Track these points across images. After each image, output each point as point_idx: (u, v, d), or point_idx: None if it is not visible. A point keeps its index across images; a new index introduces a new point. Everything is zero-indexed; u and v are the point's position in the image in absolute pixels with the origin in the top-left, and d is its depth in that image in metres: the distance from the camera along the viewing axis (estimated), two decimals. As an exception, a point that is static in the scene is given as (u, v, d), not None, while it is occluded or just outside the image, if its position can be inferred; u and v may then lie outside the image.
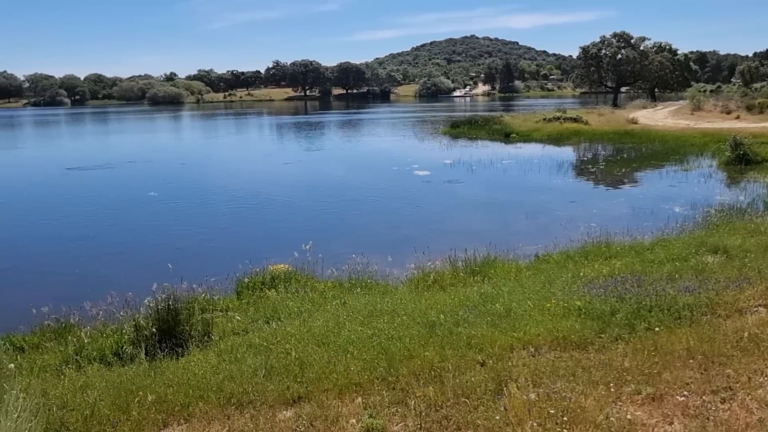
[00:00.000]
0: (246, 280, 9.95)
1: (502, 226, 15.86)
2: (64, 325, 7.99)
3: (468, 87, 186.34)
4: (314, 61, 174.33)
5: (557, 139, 36.30)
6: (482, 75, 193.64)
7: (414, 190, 21.80)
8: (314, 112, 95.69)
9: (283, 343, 6.33)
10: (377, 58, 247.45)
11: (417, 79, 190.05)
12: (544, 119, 42.73)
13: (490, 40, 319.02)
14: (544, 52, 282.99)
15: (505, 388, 4.72)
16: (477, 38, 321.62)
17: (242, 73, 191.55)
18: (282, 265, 10.38)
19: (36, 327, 8.08)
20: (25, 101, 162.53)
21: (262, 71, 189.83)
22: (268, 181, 25.22)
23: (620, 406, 4.50)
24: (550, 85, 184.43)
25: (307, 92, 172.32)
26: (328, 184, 23.91)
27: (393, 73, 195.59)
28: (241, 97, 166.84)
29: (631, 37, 72.47)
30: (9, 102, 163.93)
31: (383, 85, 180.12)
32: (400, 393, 4.98)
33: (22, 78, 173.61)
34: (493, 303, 7.23)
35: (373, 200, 20.24)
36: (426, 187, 22.49)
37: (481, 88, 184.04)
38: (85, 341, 7.10)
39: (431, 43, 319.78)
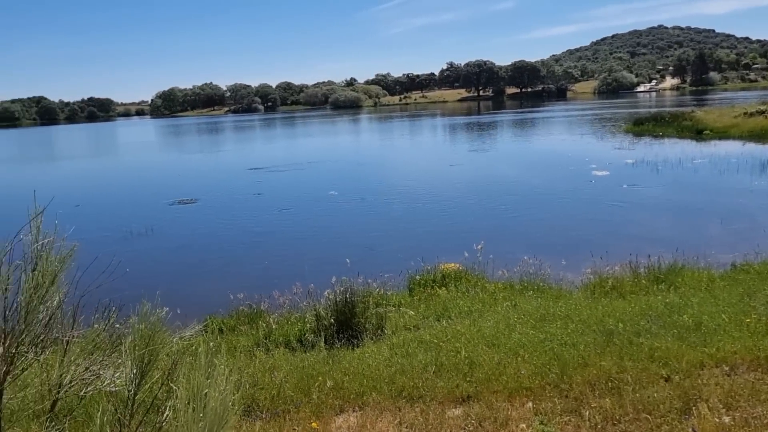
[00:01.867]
0: (418, 277, 10.17)
1: (691, 232, 14.50)
2: (255, 311, 8.79)
3: (654, 81, 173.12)
4: (488, 60, 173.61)
5: (761, 136, 32.26)
6: (670, 68, 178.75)
7: (591, 191, 20.74)
8: (486, 112, 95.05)
9: (453, 341, 6.39)
10: (553, 55, 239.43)
11: (596, 75, 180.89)
12: (745, 113, 38.16)
13: (681, 29, 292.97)
14: (746, 38, 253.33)
15: (693, 408, 4.32)
16: (665, 28, 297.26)
17: (417, 75, 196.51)
18: (453, 264, 10.47)
19: (233, 311, 8.99)
20: (226, 108, 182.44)
21: (436, 73, 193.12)
22: (440, 181, 25.55)
23: (838, 441, 3.91)
24: (752, 76, 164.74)
25: (481, 92, 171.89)
26: (499, 184, 23.62)
27: (570, 70, 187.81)
28: (415, 100, 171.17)
29: None
30: (213, 110, 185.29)
31: (559, 82, 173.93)
32: (574, 402, 4.78)
33: (225, 88, 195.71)
34: (680, 314, 6.65)
35: (547, 201, 19.61)
36: (604, 187, 21.28)
37: (669, 81, 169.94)
38: (273, 327, 7.76)
39: (613, 36, 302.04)
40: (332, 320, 7.30)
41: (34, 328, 2.39)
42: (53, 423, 2.45)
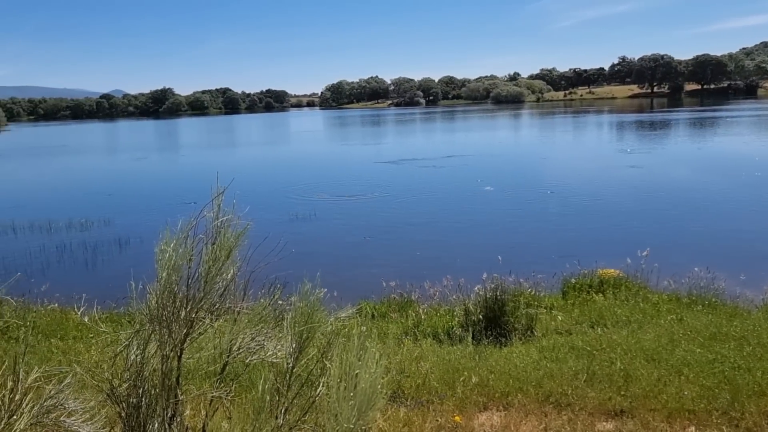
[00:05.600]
0: (573, 280, 9.76)
1: None
2: (406, 300, 9.00)
3: None
4: (666, 54, 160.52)
5: None
6: None
7: (781, 201, 18.49)
8: (660, 110, 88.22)
9: (608, 351, 6.06)
10: (744, 48, 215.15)
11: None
12: None
13: None
14: None
15: None
16: None
17: (585, 70, 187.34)
18: (612, 270, 9.90)
19: (384, 298, 9.28)
20: (389, 102, 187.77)
21: (606, 68, 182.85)
22: (601, 181, 24.20)
23: None
24: None
25: (655, 89, 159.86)
26: (671, 188, 21.88)
27: (764, 65, 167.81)
28: (581, 96, 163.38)
29: None
30: (378, 102, 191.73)
31: (749, 78, 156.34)
32: (745, 433, 4.33)
33: (389, 81, 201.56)
34: None
35: (725, 209, 17.81)
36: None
37: None
38: (422, 317, 7.89)
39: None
40: (481, 316, 7.25)
41: (211, 296, 2.65)
42: (222, 384, 2.70)
